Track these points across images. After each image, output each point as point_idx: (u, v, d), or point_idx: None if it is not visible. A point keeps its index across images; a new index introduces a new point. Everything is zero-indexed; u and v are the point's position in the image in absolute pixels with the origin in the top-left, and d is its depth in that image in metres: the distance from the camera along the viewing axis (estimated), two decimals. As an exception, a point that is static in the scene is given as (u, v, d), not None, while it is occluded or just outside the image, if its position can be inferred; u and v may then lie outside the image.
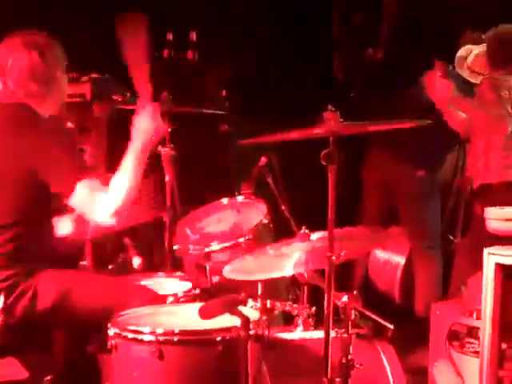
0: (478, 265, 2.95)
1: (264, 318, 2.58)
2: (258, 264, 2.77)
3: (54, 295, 2.79)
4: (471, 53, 4.59)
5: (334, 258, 2.44)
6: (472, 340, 3.29)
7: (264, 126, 3.13)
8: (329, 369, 2.44)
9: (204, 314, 2.38)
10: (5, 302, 2.75)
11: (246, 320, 2.37)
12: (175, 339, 2.45)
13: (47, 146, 2.77)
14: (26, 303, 2.77)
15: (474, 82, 4.57)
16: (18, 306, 2.77)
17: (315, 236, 2.75)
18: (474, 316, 3.29)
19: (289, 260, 2.66)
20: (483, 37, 4.47)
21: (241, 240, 3.25)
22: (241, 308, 2.40)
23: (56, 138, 2.80)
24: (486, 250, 2.93)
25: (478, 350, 3.10)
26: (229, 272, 2.78)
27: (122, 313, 2.66)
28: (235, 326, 2.42)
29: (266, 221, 3.39)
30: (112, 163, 3.20)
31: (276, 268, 2.66)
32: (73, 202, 2.77)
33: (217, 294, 3.06)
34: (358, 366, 2.57)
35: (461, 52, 4.64)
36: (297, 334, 2.82)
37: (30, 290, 2.78)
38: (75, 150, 2.86)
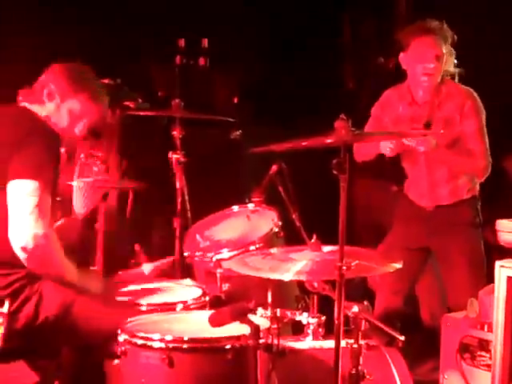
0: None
1: (274, 326, 2.56)
2: (262, 263, 2.70)
3: (59, 304, 2.79)
4: None
5: (344, 268, 2.42)
6: (483, 353, 3.27)
7: (275, 133, 3.12)
8: (339, 379, 2.42)
9: (214, 321, 2.38)
10: (9, 308, 2.74)
11: (255, 328, 2.36)
12: (185, 346, 2.44)
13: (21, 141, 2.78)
14: (30, 309, 2.77)
15: None
16: (22, 312, 2.76)
17: (327, 249, 2.71)
18: (486, 329, 3.26)
19: (293, 266, 2.59)
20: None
21: (251, 248, 3.23)
22: (251, 316, 2.39)
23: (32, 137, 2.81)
24: (497, 263, 2.91)
25: (489, 363, 3.08)
26: (233, 264, 2.76)
27: (132, 319, 2.66)
28: (245, 335, 2.41)
29: (276, 229, 3.37)
30: (124, 168, 3.22)
31: (276, 270, 2.58)
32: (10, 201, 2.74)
33: (227, 301, 3.05)
34: (367, 376, 2.55)
35: None
36: (307, 343, 2.80)
37: (35, 295, 2.78)
38: (48, 149, 2.84)
